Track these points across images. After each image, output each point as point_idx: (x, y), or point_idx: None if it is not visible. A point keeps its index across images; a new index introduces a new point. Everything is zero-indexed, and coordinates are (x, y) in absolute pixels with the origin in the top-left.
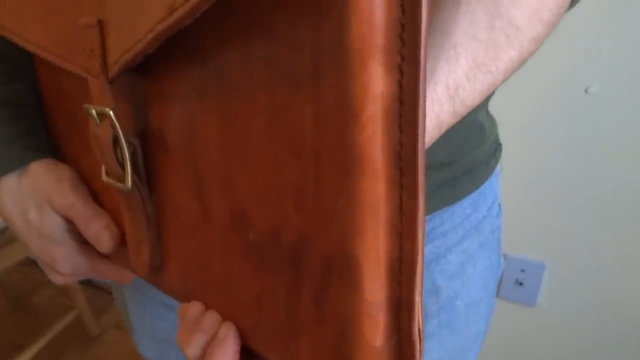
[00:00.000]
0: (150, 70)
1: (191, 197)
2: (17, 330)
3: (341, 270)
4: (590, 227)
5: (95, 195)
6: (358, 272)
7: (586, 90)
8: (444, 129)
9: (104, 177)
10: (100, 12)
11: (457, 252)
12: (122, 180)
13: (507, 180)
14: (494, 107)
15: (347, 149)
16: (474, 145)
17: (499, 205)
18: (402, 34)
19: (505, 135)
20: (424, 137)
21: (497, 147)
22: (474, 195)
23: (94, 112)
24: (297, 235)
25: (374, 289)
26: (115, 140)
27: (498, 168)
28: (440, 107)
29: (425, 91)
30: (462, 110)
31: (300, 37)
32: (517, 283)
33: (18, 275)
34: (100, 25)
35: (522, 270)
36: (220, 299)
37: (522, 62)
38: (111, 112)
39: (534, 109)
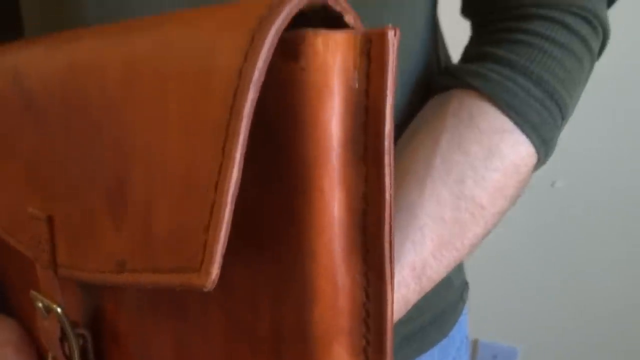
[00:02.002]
0: None
1: None
2: None
3: None
4: (561, 312)
5: (46, 353)
6: None
7: (552, 185)
8: (410, 305)
9: None
10: (50, 206)
11: None
12: None
13: (477, 267)
14: None
15: None
16: (441, 295)
17: (467, 337)
18: (367, 319)
19: None
20: None
21: (464, 289)
22: (442, 342)
23: (40, 304)
24: None
25: None
26: (63, 332)
27: (466, 307)
28: (406, 288)
29: None
30: (429, 286)
31: (259, 300)
32: None
33: None
34: (50, 222)
35: (494, 357)
36: None
37: (487, 235)
38: (59, 309)
39: None
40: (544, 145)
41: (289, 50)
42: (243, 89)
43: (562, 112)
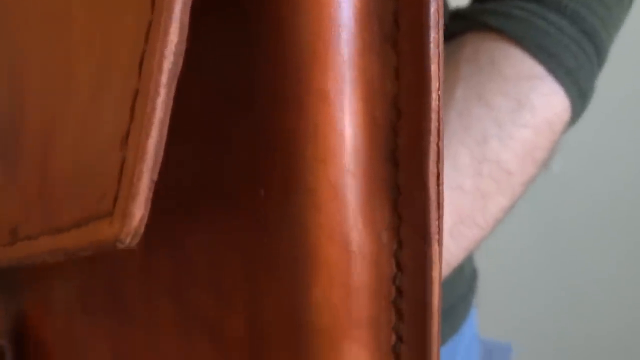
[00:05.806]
0: None
1: None
2: None
3: None
4: (557, 307)
5: None
6: None
7: (549, 170)
8: None
9: None
10: None
11: None
12: None
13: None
14: None
15: None
16: (452, 285)
17: (477, 337)
18: (399, 302)
19: None
20: None
21: (473, 277)
22: (453, 338)
23: None
24: None
25: None
26: None
27: (474, 301)
28: None
29: None
30: (445, 273)
31: (227, 282)
32: None
33: None
34: None
35: (489, 352)
36: None
37: (512, 208)
38: None
39: None
40: (580, 96)
41: None
42: None
43: (599, 57)
